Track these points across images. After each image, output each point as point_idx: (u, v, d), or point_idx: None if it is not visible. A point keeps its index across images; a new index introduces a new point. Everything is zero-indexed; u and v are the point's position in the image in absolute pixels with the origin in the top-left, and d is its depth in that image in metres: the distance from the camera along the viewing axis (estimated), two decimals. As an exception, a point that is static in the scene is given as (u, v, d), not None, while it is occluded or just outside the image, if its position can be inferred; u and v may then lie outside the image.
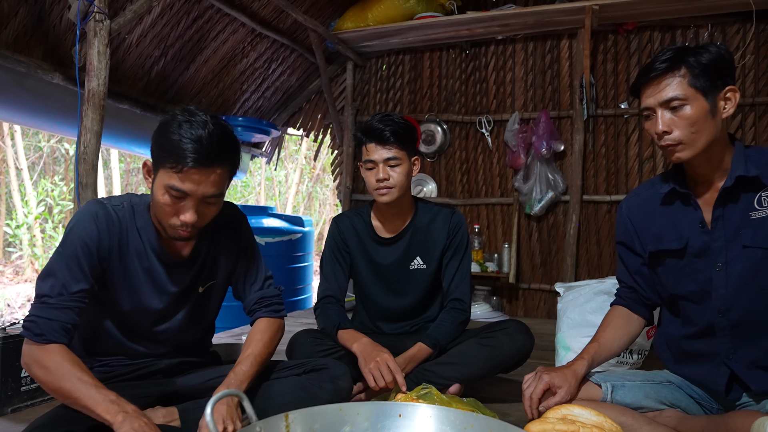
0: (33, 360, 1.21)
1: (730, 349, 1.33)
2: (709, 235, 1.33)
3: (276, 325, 1.52)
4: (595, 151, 3.81)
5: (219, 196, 1.30)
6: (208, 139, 1.22)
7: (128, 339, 1.43)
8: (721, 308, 1.32)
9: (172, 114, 1.26)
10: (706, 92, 1.25)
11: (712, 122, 1.26)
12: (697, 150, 1.27)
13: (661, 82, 1.28)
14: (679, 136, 1.27)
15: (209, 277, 1.51)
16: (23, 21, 2.61)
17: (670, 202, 1.40)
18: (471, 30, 3.90)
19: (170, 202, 1.26)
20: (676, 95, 1.26)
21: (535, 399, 1.37)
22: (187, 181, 1.23)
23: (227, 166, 1.30)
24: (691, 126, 1.26)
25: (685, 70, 1.25)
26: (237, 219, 1.56)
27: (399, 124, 1.82)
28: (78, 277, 1.27)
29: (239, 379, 1.33)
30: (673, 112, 1.27)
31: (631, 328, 1.51)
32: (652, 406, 1.39)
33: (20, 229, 7.00)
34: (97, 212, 1.32)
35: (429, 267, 1.96)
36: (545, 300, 3.99)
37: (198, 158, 1.21)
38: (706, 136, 1.26)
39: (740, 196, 1.29)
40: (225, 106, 4.21)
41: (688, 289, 1.38)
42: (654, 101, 1.29)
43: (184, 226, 1.28)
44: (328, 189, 11.47)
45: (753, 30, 3.41)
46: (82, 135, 2.29)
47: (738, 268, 1.29)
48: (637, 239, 1.48)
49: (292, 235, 4.24)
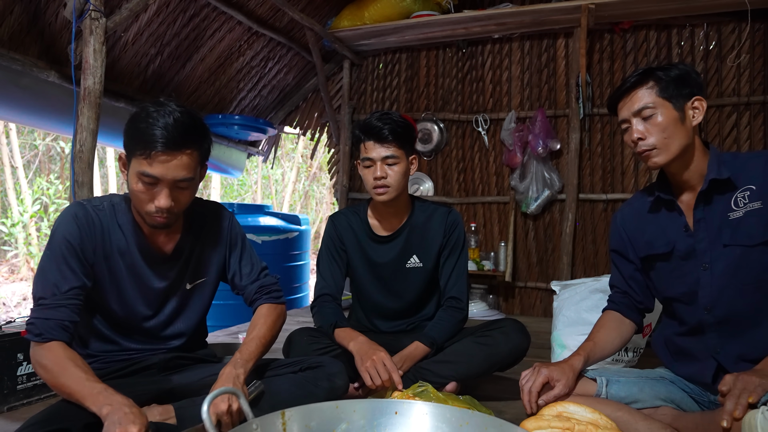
0: (35, 359, 1.25)
1: (718, 345, 1.38)
2: (692, 238, 1.40)
3: (278, 311, 1.55)
4: (591, 150, 3.82)
5: (190, 180, 1.33)
6: (174, 125, 1.26)
7: (119, 335, 1.45)
8: (707, 306, 1.38)
9: (143, 106, 1.31)
10: (674, 101, 1.35)
11: (683, 128, 1.36)
12: (671, 155, 1.36)
13: (633, 95, 1.39)
14: (652, 142, 1.36)
15: (198, 275, 1.53)
16: (19, 19, 2.60)
17: (657, 210, 1.49)
18: (467, 29, 3.90)
19: (144, 189, 1.29)
20: (646, 104, 1.36)
21: (534, 392, 1.39)
22: (157, 165, 1.26)
23: (196, 150, 1.33)
24: (663, 132, 1.35)
25: (653, 83, 1.37)
26: (221, 215, 1.58)
27: (397, 123, 1.82)
28: (68, 276, 1.30)
29: (245, 358, 1.37)
30: (646, 120, 1.37)
31: (623, 331, 1.56)
32: (648, 400, 1.41)
33: (15, 228, 6.98)
34: (77, 213, 1.36)
35: (426, 265, 1.96)
36: (541, 298, 4.00)
37: (165, 143, 1.25)
38: (678, 141, 1.35)
39: (718, 198, 1.37)
40: (221, 104, 4.21)
41: (678, 290, 1.44)
42: (627, 112, 1.40)
43: (159, 212, 1.31)
44: (325, 187, 11.46)
45: (748, 29, 3.42)
46: (78, 133, 2.29)
47: (720, 267, 1.36)
48: (630, 247, 1.54)
49: (288, 234, 4.24)
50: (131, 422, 1.08)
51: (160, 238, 1.46)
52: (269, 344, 1.48)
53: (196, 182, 1.37)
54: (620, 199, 3.73)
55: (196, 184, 1.39)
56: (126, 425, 1.07)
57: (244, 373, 1.33)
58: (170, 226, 1.39)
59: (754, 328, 1.34)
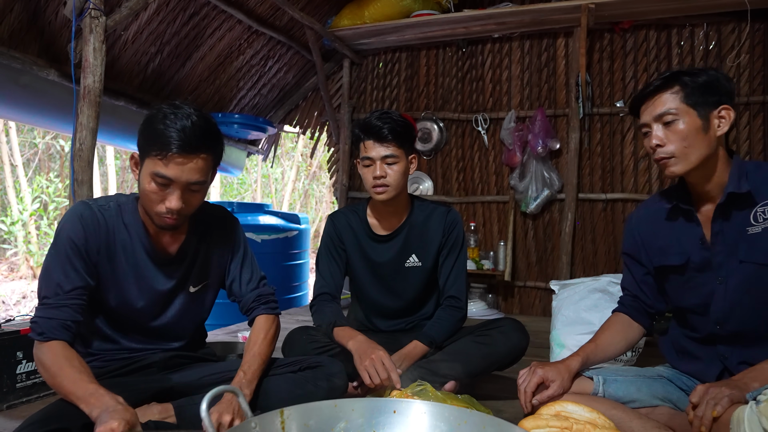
0: (37, 358, 1.26)
1: (726, 352, 1.38)
2: (709, 251, 1.36)
3: (275, 323, 1.57)
4: (590, 150, 3.82)
5: (203, 183, 1.34)
6: (191, 128, 1.27)
7: (120, 334, 1.46)
8: (718, 320, 1.36)
9: (158, 107, 1.32)
10: (698, 109, 1.29)
11: (705, 138, 1.30)
12: (690, 165, 1.31)
13: (657, 98, 1.33)
14: (671, 150, 1.31)
15: (202, 278, 1.54)
16: (18, 17, 2.60)
17: (674, 218, 1.43)
18: (467, 28, 3.90)
19: (156, 189, 1.30)
20: (668, 110, 1.31)
21: (528, 392, 1.39)
22: (172, 167, 1.27)
23: (210, 155, 1.34)
24: (683, 140, 1.30)
25: (678, 87, 1.31)
26: (228, 220, 1.59)
27: (397, 122, 1.82)
28: (71, 276, 1.31)
29: (249, 378, 1.39)
30: (666, 126, 1.32)
31: (630, 335, 1.53)
32: (645, 399, 1.41)
33: (15, 226, 6.98)
34: (83, 213, 1.37)
35: (425, 264, 1.96)
36: (540, 298, 4.01)
37: (182, 145, 1.26)
38: (698, 151, 1.30)
39: (736, 212, 1.32)
40: (221, 103, 4.20)
41: (691, 302, 1.42)
42: (649, 116, 1.34)
43: (170, 213, 1.32)
44: (325, 186, 11.46)
45: (748, 29, 3.42)
46: (78, 132, 2.29)
47: (734, 282, 1.33)
48: (643, 251, 1.51)
49: (288, 233, 4.24)
50: (113, 419, 1.08)
51: (165, 239, 1.46)
52: (269, 359, 1.50)
53: (208, 186, 1.39)
54: (619, 199, 3.74)
55: (207, 188, 1.40)
56: (108, 423, 1.07)
57: (249, 395, 1.36)
58: (178, 228, 1.40)
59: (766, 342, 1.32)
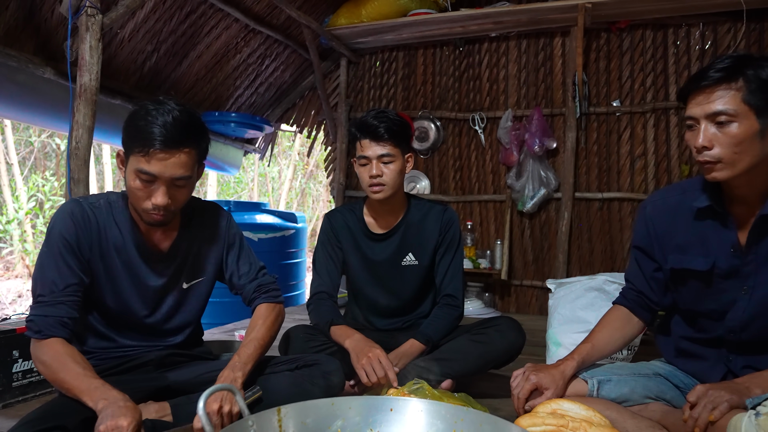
0: (35, 356, 1.26)
1: (731, 355, 1.35)
2: (739, 259, 1.26)
3: (276, 310, 1.56)
4: (587, 149, 3.83)
5: (188, 178, 1.34)
6: (172, 123, 1.27)
7: (115, 332, 1.46)
8: (733, 329, 1.31)
9: (142, 104, 1.32)
10: (759, 111, 1.13)
11: (759, 144, 1.15)
12: (736, 172, 1.17)
13: (713, 92, 1.16)
14: (719, 154, 1.17)
15: (195, 274, 1.54)
16: (14, 15, 2.59)
17: (702, 218, 1.31)
18: (464, 27, 3.91)
19: (141, 186, 1.30)
20: (726, 110, 1.14)
21: (521, 399, 1.38)
22: (155, 163, 1.27)
23: (194, 149, 1.34)
24: (735, 146, 1.15)
25: (741, 83, 1.14)
26: (218, 214, 1.59)
27: (394, 121, 1.82)
28: (65, 273, 1.32)
29: (243, 361, 1.38)
30: (719, 127, 1.16)
31: (628, 330, 1.48)
32: (638, 400, 1.40)
33: (11, 225, 6.95)
34: (73, 210, 1.37)
35: (421, 263, 1.97)
36: (537, 296, 4.01)
37: (163, 141, 1.26)
38: (749, 158, 1.15)
39: None
40: (218, 101, 4.20)
41: (709, 307, 1.34)
42: (700, 112, 1.18)
43: (156, 209, 1.32)
44: (322, 185, 11.44)
45: (743, 29, 3.43)
46: (74, 130, 2.28)
47: (761, 294, 1.25)
48: (657, 246, 1.40)
49: (285, 232, 4.24)
50: (122, 415, 1.09)
51: (156, 236, 1.46)
52: (268, 345, 1.48)
53: (194, 180, 1.38)
54: (616, 198, 3.75)
55: (194, 183, 1.39)
56: (117, 418, 1.08)
57: (242, 376, 1.35)
58: (167, 224, 1.40)
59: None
